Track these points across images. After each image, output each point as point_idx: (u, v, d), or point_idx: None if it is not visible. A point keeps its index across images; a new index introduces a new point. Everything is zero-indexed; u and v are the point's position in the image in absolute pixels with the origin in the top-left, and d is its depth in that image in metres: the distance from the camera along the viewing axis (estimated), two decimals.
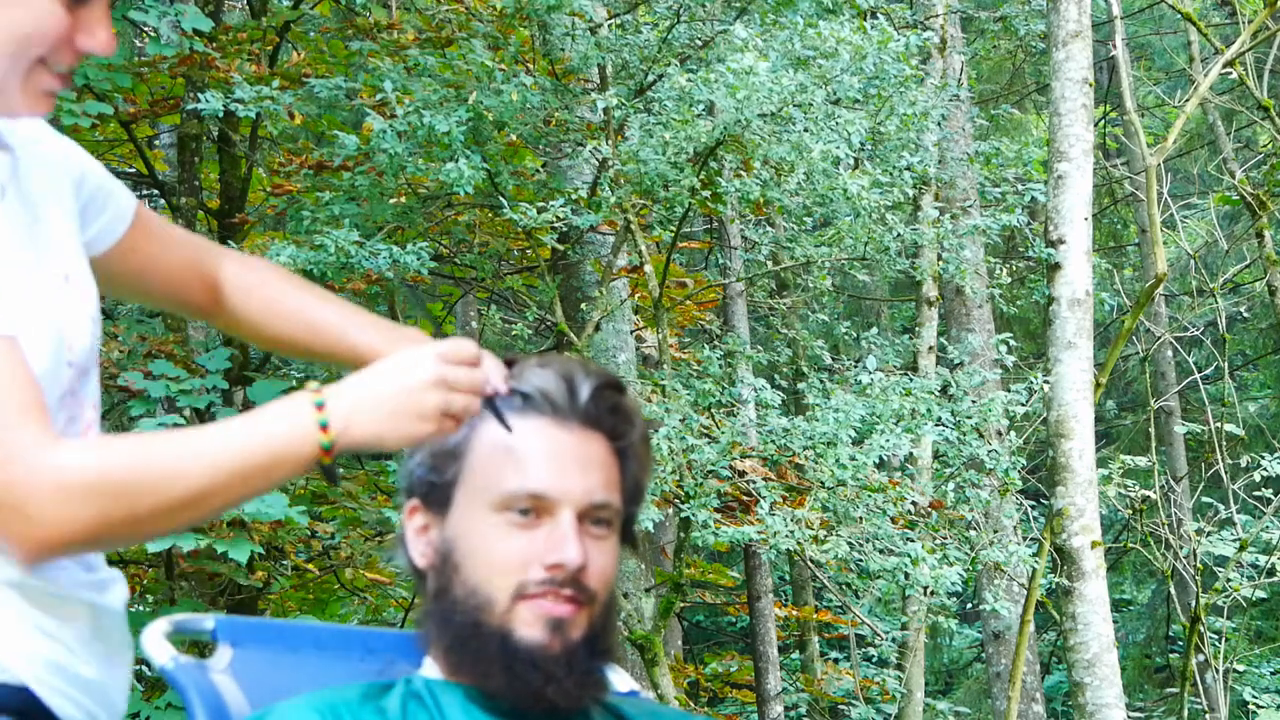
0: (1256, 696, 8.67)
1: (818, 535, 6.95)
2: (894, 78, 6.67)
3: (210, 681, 1.83)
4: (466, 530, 1.76)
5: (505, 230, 7.64)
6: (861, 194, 6.66)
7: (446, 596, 1.76)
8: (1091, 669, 7.17)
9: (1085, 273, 7.39)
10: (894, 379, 7.21)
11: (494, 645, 1.71)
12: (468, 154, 6.27)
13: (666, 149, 6.39)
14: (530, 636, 1.71)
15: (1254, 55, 8.86)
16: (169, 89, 7.36)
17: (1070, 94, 7.40)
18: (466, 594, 1.74)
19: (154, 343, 6.67)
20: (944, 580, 7.08)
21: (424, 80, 6.50)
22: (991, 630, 9.91)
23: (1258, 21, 8.21)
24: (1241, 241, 11.72)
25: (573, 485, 1.75)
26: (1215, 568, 9.09)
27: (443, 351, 1.67)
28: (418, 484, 1.82)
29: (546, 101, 6.82)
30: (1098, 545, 7.28)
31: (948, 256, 7.75)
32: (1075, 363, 7.34)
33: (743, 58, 6.20)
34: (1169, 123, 9.85)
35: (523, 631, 1.71)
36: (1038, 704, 9.88)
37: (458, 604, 1.74)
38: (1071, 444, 7.29)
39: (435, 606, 1.77)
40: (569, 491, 1.75)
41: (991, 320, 9.97)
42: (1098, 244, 9.49)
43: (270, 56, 7.39)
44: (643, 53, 6.73)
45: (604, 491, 1.77)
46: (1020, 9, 8.54)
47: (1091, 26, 7.66)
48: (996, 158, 8.37)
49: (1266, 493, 9.01)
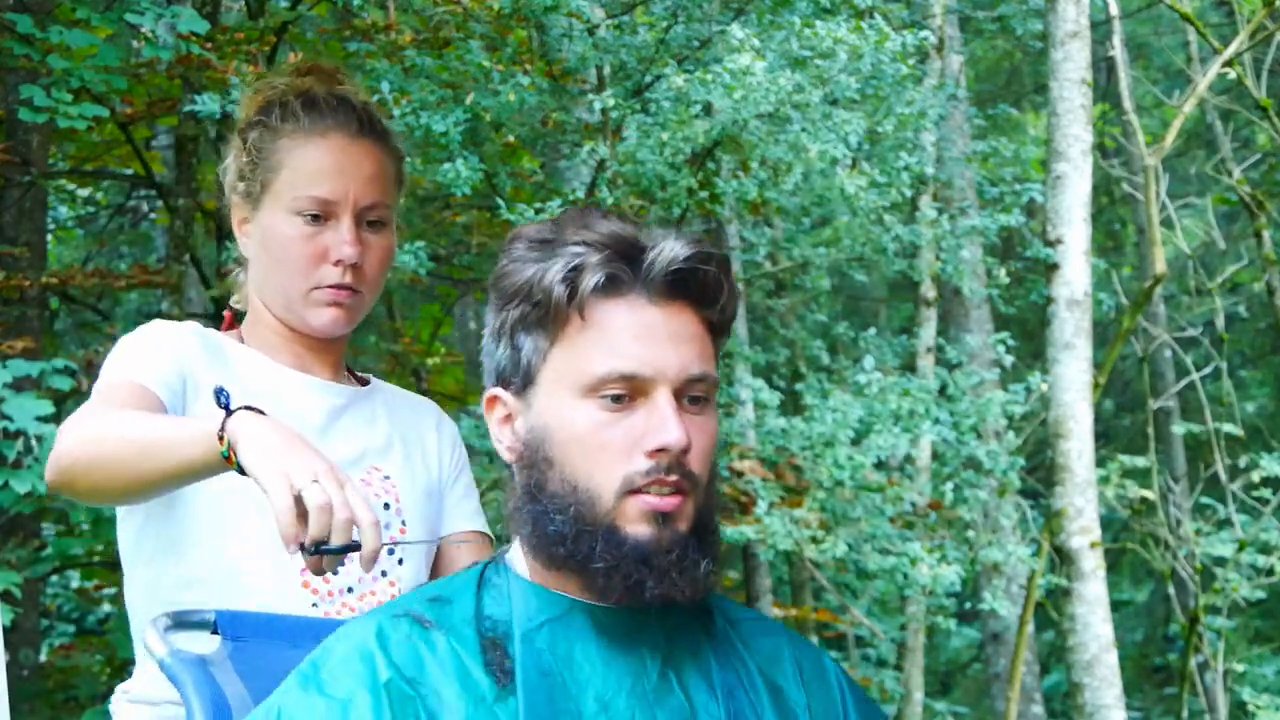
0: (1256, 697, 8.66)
1: (816, 535, 6.95)
2: (891, 78, 6.67)
3: (209, 675, 1.83)
4: (558, 418, 1.66)
5: (503, 231, 7.64)
6: (859, 194, 6.65)
7: (543, 493, 1.66)
8: (1091, 669, 7.17)
9: (1084, 273, 7.38)
10: (892, 379, 7.21)
11: (600, 544, 1.62)
12: (465, 155, 6.27)
13: (664, 149, 6.38)
14: (638, 533, 1.62)
15: (1252, 55, 8.86)
16: (166, 90, 7.36)
17: (1068, 94, 7.39)
18: (566, 490, 1.64)
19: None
20: (942, 580, 7.08)
21: (421, 81, 6.49)
22: (990, 630, 9.91)
23: (1256, 21, 8.21)
24: (1240, 241, 11.71)
25: (667, 362, 1.65)
26: (1214, 568, 9.09)
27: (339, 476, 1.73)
28: (498, 368, 1.72)
29: (544, 102, 6.81)
30: (1097, 546, 7.28)
31: (946, 257, 7.74)
32: (1074, 363, 7.33)
33: (740, 58, 6.19)
34: (1167, 122, 9.85)
35: (630, 529, 1.62)
36: (1037, 704, 9.87)
37: (556, 500, 1.65)
38: (1070, 444, 7.29)
39: (528, 503, 1.67)
40: (664, 369, 1.64)
41: (990, 320, 9.97)
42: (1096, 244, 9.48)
43: (268, 58, 7.38)
44: (640, 53, 6.72)
45: (700, 364, 1.67)
46: (1018, 9, 8.54)
47: (1090, 26, 7.66)
48: (994, 157, 8.37)
49: (1265, 493, 9.01)
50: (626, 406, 1.64)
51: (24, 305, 6.79)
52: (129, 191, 9.85)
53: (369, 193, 2.13)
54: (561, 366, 1.66)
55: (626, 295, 1.66)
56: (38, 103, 5.84)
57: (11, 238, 6.89)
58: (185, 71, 6.71)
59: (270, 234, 2.13)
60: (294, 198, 2.11)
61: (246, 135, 2.16)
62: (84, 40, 6.01)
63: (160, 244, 10.02)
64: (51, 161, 7.79)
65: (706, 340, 1.69)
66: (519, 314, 1.67)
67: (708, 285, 1.68)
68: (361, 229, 2.13)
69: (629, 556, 1.62)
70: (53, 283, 7.03)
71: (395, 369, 8.66)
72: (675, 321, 1.66)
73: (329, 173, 2.12)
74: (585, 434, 1.64)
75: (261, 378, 2.13)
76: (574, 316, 1.65)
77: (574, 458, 1.64)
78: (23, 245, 6.87)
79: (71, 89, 5.97)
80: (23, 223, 6.96)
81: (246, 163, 2.15)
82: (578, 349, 1.65)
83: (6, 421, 5.25)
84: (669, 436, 1.62)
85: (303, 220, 2.11)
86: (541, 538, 1.66)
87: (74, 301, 8.34)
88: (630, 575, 1.62)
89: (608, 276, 1.64)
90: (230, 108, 6.23)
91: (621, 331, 1.64)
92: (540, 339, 1.67)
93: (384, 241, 2.16)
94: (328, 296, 2.12)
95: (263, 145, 2.14)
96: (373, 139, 2.17)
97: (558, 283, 1.64)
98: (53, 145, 7.57)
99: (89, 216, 10.74)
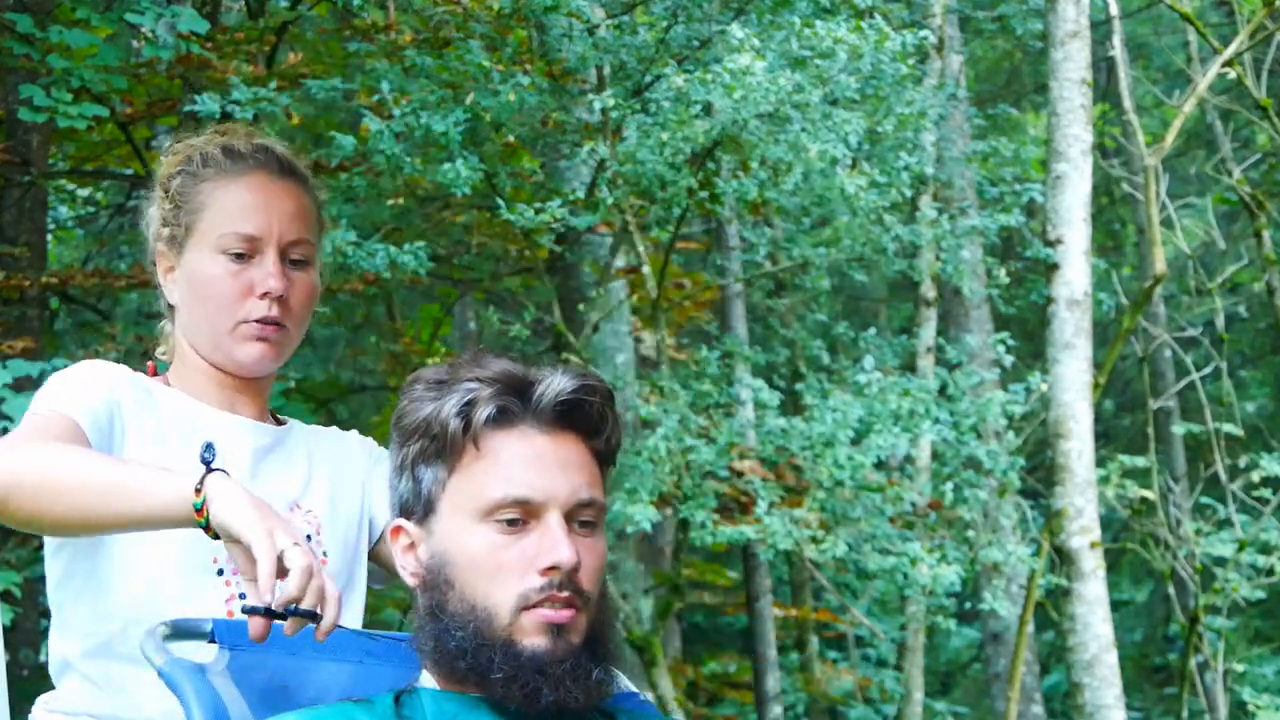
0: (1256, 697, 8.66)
1: (816, 535, 6.95)
2: (891, 77, 6.67)
3: (208, 683, 1.83)
4: (457, 543, 1.77)
5: (503, 231, 7.64)
6: (859, 194, 6.65)
7: (444, 613, 1.77)
8: (1090, 670, 7.17)
9: (1084, 273, 7.38)
10: (892, 379, 7.21)
11: (498, 657, 1.73)
12: (465, 155, 6.27)
13: (664, 149, 6.38)
14: (534, 645, 1.73)
15: (1252, 55, 8.86)
16: (166, 90, 7.36)
17: (1068, 94, 7.39)
18: (466, 609, 1.75)
19: (150, 343, 6.66)
20: (942, 580, 7.08)
21: (421, 81, 6.49)
22: (990, 630, 9.91)
23: (1256, 21, 8.21)
24: (1240, 241, 11.71)
25: (557, 487, 1.76)
26: (1214, 568, 9.09)
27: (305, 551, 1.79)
28: (401, 500, 1.83)
29: (544, 102, 6.81)
30: (1097, 546, 7.28)
31: (945, 256, 7.74)
32: (1074, 363, 7.33)
33: (740, 58, 6.19)
34: (1167, 122, 9.85)
35: (526, 641, 1.73)
36: (1037, 704, 9.87)
37: (456, 619, 1.75)
38: (1070, 444, 7.29)
39: (430, 623, 1.78)
40: (555, 494, 1.76)
41: (990, 320, 9.97)
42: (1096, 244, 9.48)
43: (268, 57, 7.39)
44: (640, 53, 6.72)
45: (588, 489, 1.78)
46: (1018, 8, 8.53)
47: (1090, 26, 7.66)
48: (994, 157, 8.37)
49: (1265, 493, 9.01)
50: (520, 530, 1.75)
51: (24, 305, 6.79)
52: (129, 191, 9.84)
53: (292, 229, 2.17)
54: (459, 495, 1.77)
55: (518, 425, 1.78)
56: (38, 102, 5.84)
57: (11, 238, 6.89)
58: (185, 71, 6.71)
59: (196, 275, 2.16)
60: (219, 236, 2.15)
61: (169, 185, 2.19)
62: (84, 40, 6.01)
63: None
64: (51, 161, 7.79)
65: (594, 467, 1.81)
66: (419, 448, 1.79)
67: (593, 416, 1.80)
68: (286, 265, 2.16)
69: (526, 667, 1.72)
70: (53, 283, 7.03)
71: (395, 369, 8.66)
72: (564, 450, 1.78)
73: (252, 209, 2.15)
74: (483, 556, 1.75)
75: (189, 418, 2.17)
76: (469, 447, 1.77)
77: (473, 578, 1.75)
78: (23, 245, 6.87)
79: (71, 89, 5.98)
80: (23, 223, 6.96)
81: (170, 209, 2.19)
82: (474, 477, 1.77)
83: (6, 422, 5.25)
84: (560, 555, 1.73)
85: (227, 258, 2.14)
86: (443, 653, 1.76)
87: (74, 301, 8.33)
88: (528, 684, 1.71)
89: (499, 409, 1.76)
90: (230, 108, 6.22)
91: (514, 459, 1.76)
92: (439, 469, 1.78)
93: (308, 279, 2.19)
94: (254, 331, 2.15)
95: (185, 190, 2.17)
96: (294, 180, 2.21)
97: (453, 416, 1.76)
98: (53, 145, 7.57)
99: (89, 216, 10.74)
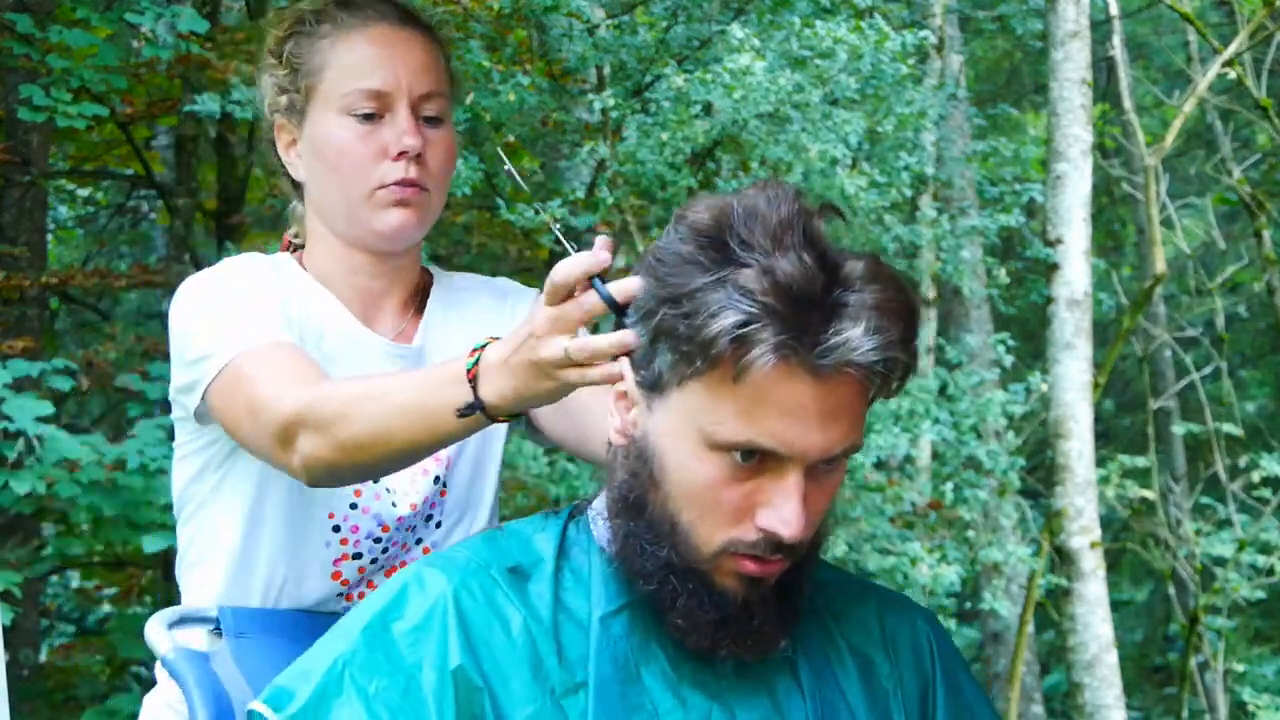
0: (1256, 697, 8.66)
1: None
2: (891, 77, 6.67)
3: (211, 671, 1.84)
4: (676, 457, 1.50)
5: (503, 231, 7.64)
6: (859, 194, 6.65)
7: (641, 515, 1.53)
8: (1091, 670, 7.17)
9: (1084, 273, 7.39)
10: None
11: (684, 598, 1.52)
12: (465, 155, 6.27)
13: (664, 149, 6.38)
14: (725, 586, 1.52)
15: (1252, 55, 8.86)
16: (166, 90, 7.36)
17: (1068, 94, 7.39)
18: (666, 524, 1.52)
19: (150, 343, 6.67)
20: (942, 580, 7.08)
21: None
22: (990, 630, 9.91)
23: (1256, 21, 8.21)
24: (1240, 241, 11.71)
25: (810, 443, 1.47)
26: (1214, 568, 9.09)
27: (542, 297, 1.55)
28: (635, 350, 1.52)
29: (544, 102, 6.81)
30: (1097, 546, 7.28)
31: (945, 257, 7.74)
32: (1074, 363, 7.33)
33: (740, 58, 6.19)
34: (1167, 122, 9.85)
35: (718, 581, 1.52)
36: (1037, 704, 9.88)
37: (653, 529, 1.52)
38: (1070, 444, 7.29)
39: (623, 512, 1.55)
40: (805, 451, 1.47)
41: (990, 320, 9.97)
42: (1096, 244, 9.48)
43: None
44: (640, 53, 6.72)
45: (843, 442, 1.50)
46: (1018, 9, 8.54)
47: (1090, 26, 7.66)
48: (994, 157, 8.37)
49: (1265, 493, 9.01)
50: (754, 470, 1.48)
51: (24, 305, 6.79)
52: (129, 191, 9.84)
53: (423, 81, 1.96)
54: (695, 405, 1.48)
55: (789, 362, 1.44)
56: (37, 102, 5.84)
57: (11, 238, 6.89)
58: (185, 71, 6.71)
59: (322, 142, 1.95)
60: (343, 95, 1.94)
61: (281, 50, 1.98)
62: (84, 40, 6.00)
63: (160, 244, 10.01)
64: (51, 161, 7.79)
65: (862, 408, 1.51)
66: (671, 324, 1.46)
67: (883, 372, 1.48)
68: (420, 122, 1.96)
69: (708, 603, 1.52)
70: (53, 283, 7.03)
71: None
72: (833, 398, 1.46)
73: (378, 63, 1.94)
74: (702, 485, 1.49)
75: (317, 330, 1.98)
76: (727, 369, 1.44)
77: (684, 499, 1.50)
78: (23, 245, 6.86)
79: (71, 88, 5.97)
80: (23, 222, 6.95)
81: (285, 75, 1.98)
82: (719, 401, 1.46)
83: (6, 422, 5.25)
84: (786, 526, 1.48)
85: (355, 120, 1.94)
86: (628, 559, 1.56)
87: (74, 301, 8.33)
88: (706, 637, 1.53)
89: (777, 352, 1.42)
90: (231, 107, 6.22)
91: (772, 404, 1.45)
92: (683, 366, 1.47)
93: (446, 136, 1.98)
94: (393, 195, 1.94)
95: (301, 52, 1.96)
96: (420, 29, 1.99)
97: (723, 336, 1.42)
98: (53, 145, 7.56)
99: (89, 216, 10.73)
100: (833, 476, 1.55)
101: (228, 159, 7.55)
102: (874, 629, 1.67)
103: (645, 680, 1.55)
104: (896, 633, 1.68)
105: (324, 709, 1.49)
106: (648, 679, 1.55)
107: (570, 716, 1.51)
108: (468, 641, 1.52)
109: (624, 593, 1.58)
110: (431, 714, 1.48)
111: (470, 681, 1.50)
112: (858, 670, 1.63)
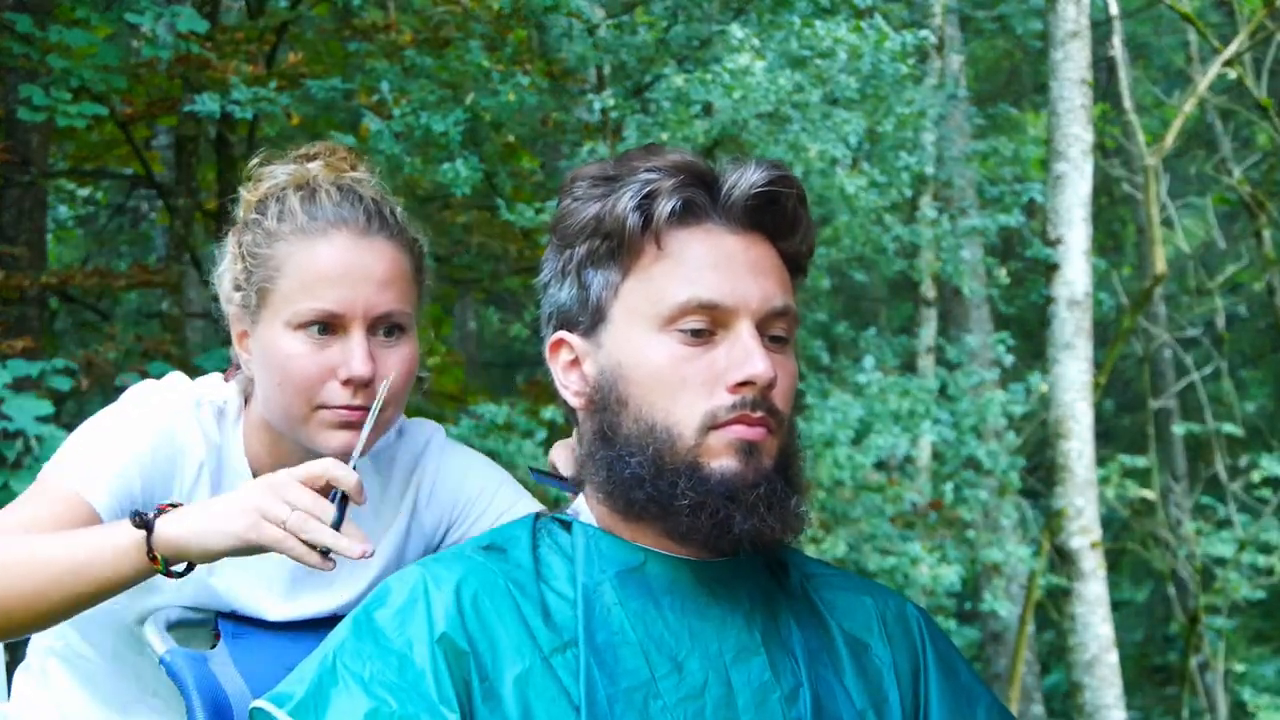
0: (1256, 697, 8.66)
1: (816, 535, 6.95)
2: (891, 77, 6.67)
3: (209, 672, 1.83)
4: (633, 355, 1.57)
5: (503, 231, 7.64)
6: (859, 194, 6.65)
7: (616, 435, 1.57)
8: (1091, 669, 7.17)
9: (1084, 273, 7.39)
10: (892, 379, 7.21)
11: (683, 482, 1.53)
12: (465, 155, 6.27)
13: None
14: (725, 467, 1.53)
15: (1252, 55, 8.86)
16: (166, 90, 7.35)
17: (1068, 94, 7.39)
18: (643, 431, 1.55)
19: (150, 343, 6.67)
20: (942, 580, 7.08)
21: (421, 81, 6.49)
22: (990, 630, 9.91)
23: (1255, 21, 8.21)
24: (1240, 241, 11.71)
25: (749, 293, 1.56)
26: (1214, 568, 9.09)
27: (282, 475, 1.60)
28: (562, 311, 1.62)
29: (544, 102, 6.81)
30: (1097, 546, 7.28)
31: (945, 256, 7.75)
32: (1074, 363, 7.33)
33: (740, 58, 6.20)
34: (1167, 122, 9.85)
35: (715, 463, 1.53)
36: (1037, 704, 9.88)
37: (632, 442, 1.55)
38: (1070, 444, 7.29)
39: (601, 448, 1.58)
40: (746, 300, 1.56)
41: (990, 320, 9.97)
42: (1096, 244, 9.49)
43: (267, 57, 7.38)
44: (640, 53, 6.72)
45: (782, 296, 1.58)
46: (1018, 8, 8.54)
47: (1090, 26, 7.66)
48: (994, 157, 8.37)
49: (1265, 493, 9.01)
50: (706, 341, 1.55)
51: (24, 305, 6.79)
52: (129, 191, 9.85)
53: (382, 299, 1.83)
54: (635, 299, 1.57)
55: (703, 223, 1.58)
56: (37, 102, 5.84)
57: (11, 237, 6.89)
58: (185, 71, 6.71)
59: (270, 352, 1.84)
60: (294, 311, 1.81)
61: (241, 238, 1.87)
62: (83, 40, 6.00)
63: (160, 244, 10.01)
64: (51, 161, 7.79)
65: (785, 273, 1.61)
66: (586, 250, 1.59)
67: (787, 214, 1.60)
68: (376, 339, 1.83)
69: (715, 492, 1.53)
70: (53, 283, 7.02)
71: None
72: (754, 251, 1.58)
73: (334, 281, 1.81)
74: (664, 369, 1.55)
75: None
76: (649, 246, 1.57)
77: (651, 395, 1.55)
78: (23, 245, 6.86)
79: (71, 88, 5.97)
80: (23, 222, 6.95)
81: (241, 271, 1.86)
82: (653, 279, 1.56)
83: (6, 422, 5.25)
84: (754, 369, 1.53)
85: (306, 334, 1.81)
86: (618, 483, 1.57)
87: (74, 301, 8.33)
88: (717, 511, 1.53)
89: (684, 202, 1.56)
90: (230, 107, 6.22)
91: (700, 260, 1.56)
92: (612, 272, 1.58)
93: (403, 351, 1.85)
94: (338, 417, 1.82)
95: (257, 250, 1.84)
96: (385, 235, 1.85)
97: (631, 210, 1.55)
98: (53, 145, 7.56)
99: (89, 216, 10.74)
100: (786, 355, 1.60)
101: (227, 159, 7.54)
102: (863, 614, 1.69)
103: (640, 645, 1.56)
104: (886, 617, 1.70)
105: (323, 699, 1.52)
106: (644, 644, 1.56)
107: (561, 674, 1.53)
108: (450, 610, 1.55)
109: (616, 559, 1.59)
110: (430, 686, 1.51)
111: (456, 646, 1.53)
112: (849, 651, 1.66)
